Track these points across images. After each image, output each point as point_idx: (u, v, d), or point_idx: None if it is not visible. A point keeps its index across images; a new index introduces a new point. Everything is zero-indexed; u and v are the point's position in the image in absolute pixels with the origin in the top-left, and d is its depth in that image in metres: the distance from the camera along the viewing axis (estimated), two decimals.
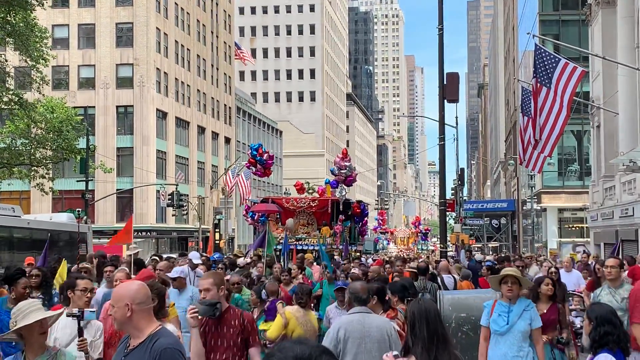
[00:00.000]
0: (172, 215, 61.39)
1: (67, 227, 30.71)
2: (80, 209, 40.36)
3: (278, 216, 25.57)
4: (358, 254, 28.66)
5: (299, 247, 23.77)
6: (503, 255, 29.27)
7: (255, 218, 26.36)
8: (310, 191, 28.07)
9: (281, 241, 23.91)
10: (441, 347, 5.30)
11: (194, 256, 15.84)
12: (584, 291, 13.74)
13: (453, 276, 14.95)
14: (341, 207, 26.44)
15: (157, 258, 15.85)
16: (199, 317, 6.35)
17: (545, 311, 8.92)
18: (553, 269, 14.18)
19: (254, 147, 28.21)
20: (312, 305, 12.30)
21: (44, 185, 39.33)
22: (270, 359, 2.29)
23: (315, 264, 18.98)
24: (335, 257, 22.12)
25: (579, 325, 12.96)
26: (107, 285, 10.18)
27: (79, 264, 12.73)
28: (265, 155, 27.40)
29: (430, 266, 16.49)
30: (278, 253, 20.18)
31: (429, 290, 12.04)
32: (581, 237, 48.95)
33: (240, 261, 16.97)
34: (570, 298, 14.33)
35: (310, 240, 24.56)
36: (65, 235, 30.54)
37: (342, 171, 26.59)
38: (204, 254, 21.20)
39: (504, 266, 15.22)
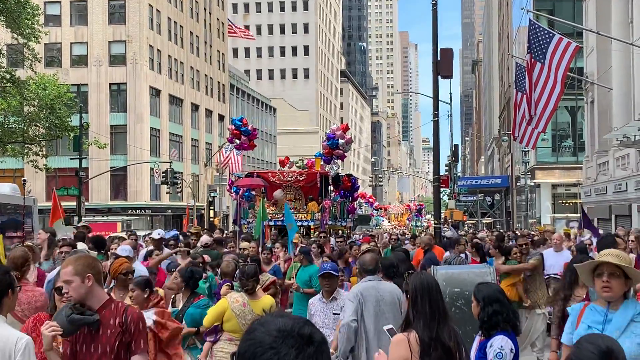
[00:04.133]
0: (167, 193, 61.36)
1: (9, 200, 28.71)
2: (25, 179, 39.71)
3: (264, 191, 25.05)
4: (347, 231, 28.05)
5: (285, 224, 23.42)
6: (499, 231, 28.90)
7: (240, 193, 25.84)
8: (299, 164, 27.59)
9: (276, 216, 23.38)
10: (442, 323, 5.27)
11: (159, 234, 14.20)
12: None
13: (466, 252, 14.94)
14: (330, 181, 26.08)
15: (123, 237, 15.30)
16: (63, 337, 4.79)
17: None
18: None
19: (237, 119, 27.85)
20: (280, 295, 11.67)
21: (37, 162, 39.27)
22: (252, 334, 2.22)
23: (300, 242, 17.71)
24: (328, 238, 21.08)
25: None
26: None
27: (24, 241, 11.15)
28: (250, 126, 27.19)
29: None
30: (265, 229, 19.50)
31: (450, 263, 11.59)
32: (575, 213, 49.11)
33: (205, 239, 15.03)
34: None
35: (298, 216, 24.05)
36: (7, 208, 28.63)
37: (347, 145, 26.41)
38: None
39: (505, 246, 14.18)
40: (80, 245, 12.17)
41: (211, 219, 56.40)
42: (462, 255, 13.78)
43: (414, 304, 5.37)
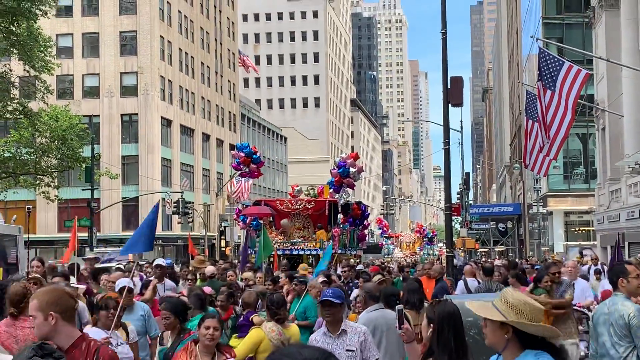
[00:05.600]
0: (178, 223, 61.40)
1: None
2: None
3: (271, 219, 24.77)
4: (357, 260, 27.62)
5: (294, 252, 23.13)
6: (510, 260, 28.58)
7: (247, 222, 25.57)
8: (307, 192, 27.43)
9: (284, 245, 23.13)
10: (464, 357, 5.14)
11: (164, 262, 13.80)
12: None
13: (478, 280, 14.65)
14: (340, 209, 25.80)
15: (120, 267, 15.08)
16: None
17: None
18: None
19: (243, 146, 27.47)
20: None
21: (49, 193, 39.39)
22: None
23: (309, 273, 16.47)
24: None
25: (583, 353, 10.90)
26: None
27: (29, 273, 10.36)
28: (258, 153, 27.14)
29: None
30: (272, 259, 19.07)
31: (494, 291, 11.28)
32: (588, 241, 48.80)
33: (209, 270, 14.65)
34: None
35: (306, 244, 23.67)
36: None
37: (357, 174, 26.31)
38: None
39: (519, 273, 13.77)
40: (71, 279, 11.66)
41: (222, 249, 56.32)
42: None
43: (440, 334, 5.21)
